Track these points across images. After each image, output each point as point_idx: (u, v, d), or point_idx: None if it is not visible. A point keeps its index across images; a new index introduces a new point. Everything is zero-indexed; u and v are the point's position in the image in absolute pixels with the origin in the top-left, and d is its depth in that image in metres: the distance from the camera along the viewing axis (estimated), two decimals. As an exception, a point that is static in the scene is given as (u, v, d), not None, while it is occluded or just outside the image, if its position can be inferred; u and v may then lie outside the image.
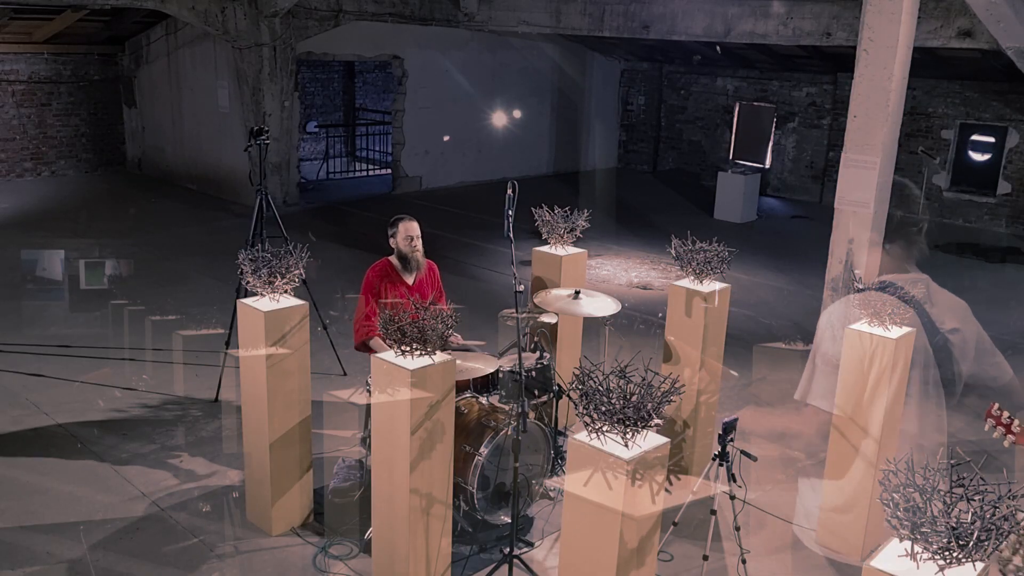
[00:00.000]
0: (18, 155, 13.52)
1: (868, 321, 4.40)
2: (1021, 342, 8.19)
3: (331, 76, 17.38)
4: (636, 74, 17.29)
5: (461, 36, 14.31)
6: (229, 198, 12.75)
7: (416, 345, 3.73)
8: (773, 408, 6.52)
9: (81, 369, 6.62)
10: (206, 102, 13.12)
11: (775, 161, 15.50)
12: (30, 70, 13.35)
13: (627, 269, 10.20)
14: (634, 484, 3.11)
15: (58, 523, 4.59)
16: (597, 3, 11.68)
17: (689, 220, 12.36)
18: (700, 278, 5.06)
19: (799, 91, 14.99)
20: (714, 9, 10.64)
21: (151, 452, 5.39)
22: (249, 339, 4.41)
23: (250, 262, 4.37)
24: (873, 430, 4.41)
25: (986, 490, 2.41)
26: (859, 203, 6.73)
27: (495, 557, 4.41)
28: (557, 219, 5.65)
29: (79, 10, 11.87)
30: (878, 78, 6.49)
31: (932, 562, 2.41)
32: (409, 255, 5.09)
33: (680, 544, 4.59)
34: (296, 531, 4.63)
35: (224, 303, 7.71)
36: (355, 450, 5.44)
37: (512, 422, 4.27)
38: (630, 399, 3.11)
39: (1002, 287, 10.17)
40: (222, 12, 11.33)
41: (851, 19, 9.45)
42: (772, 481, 5.41)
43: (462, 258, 10.19)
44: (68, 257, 8.79)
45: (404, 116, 14.07)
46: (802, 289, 9.62)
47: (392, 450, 3.82)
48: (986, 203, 13.21)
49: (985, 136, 13.23)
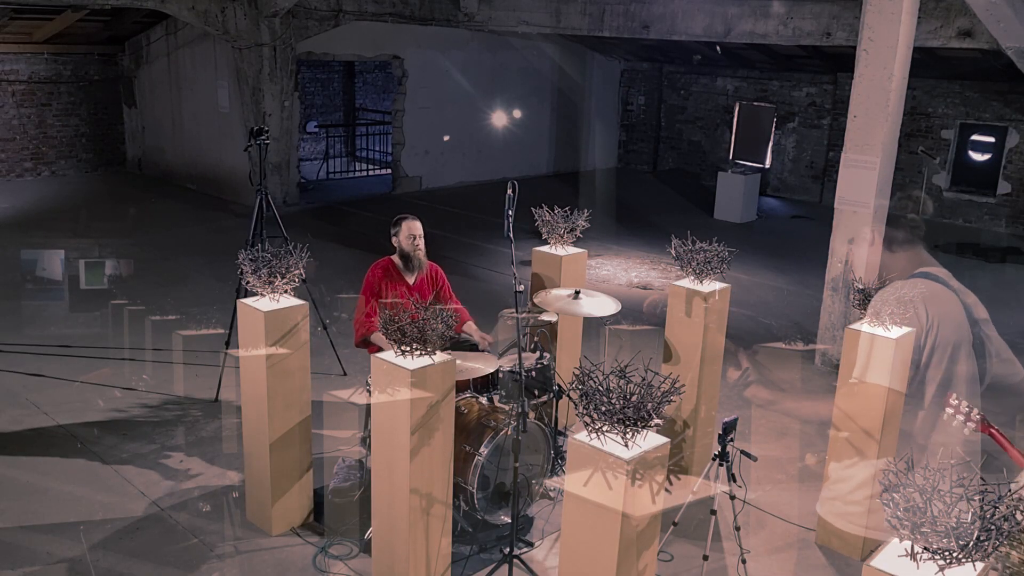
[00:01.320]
0: (18, 155, 13.52)
1: (868, 321, 4.40)
2: (1021, 342, 8.18)
3: (331, 76, 17.38)
4: (636, 74, 17.29)
5: (461, 36, 14.31)
6: (229, 198, 12.75)
7: (416, 345, 3.73)
8: (773, 408, 6.52)
9: (81, 369, 6.62)
10: (206, 102, 13.12)
11: (775, 161, 15.50)
12: (30, 70, 13.35)
13: (627, 269, 10.20)
14: (634, 484, 3.10)
15: (58, 523, 4.59)
16: (597, 3, 11.68)
17: (689, 220, 12.36)
18: (700, 278, 5.06)
19: (799, 91, 14.99)
20: (714, 9, 10.64)
21: (151, 452, 5.39)
22: (249, 339, 4.41)
23: (250, 262, 4.37)
24: (873, 430, 4.41)
25: (986, 490, 2.41)
26: (859, 203, 6.73)
27: (495, 557, 4.41)
28: (557, 219, 5.65)
29: (79, 10, 11.87)
30: (878, 78, 6.49)
31: (932, 562, 2.41)
32: (411, 254, 5.10)
33: (680, 544, 4.59)
34: (296, 531, 4.63)
35: (224, 303, 7.71)
36: (355, 450, 5.44)
37: (512, 422, 4.27)
38: (630, 399, 3.11)
39: (1002, 287, 10.17)
40: (222, 12, 11.33)
41: (851, 19, 9.45)
42: (772, 481, 5.41)
43: (462, 258, 10.19)
44: (68, 257, 8.79)
45: (404, 116, 14.07)
46: (802, 289, 9.62)
47: (392, 450, 3.82)
48: (986, 203, 13.21)
49: (985, 136, 13.23)
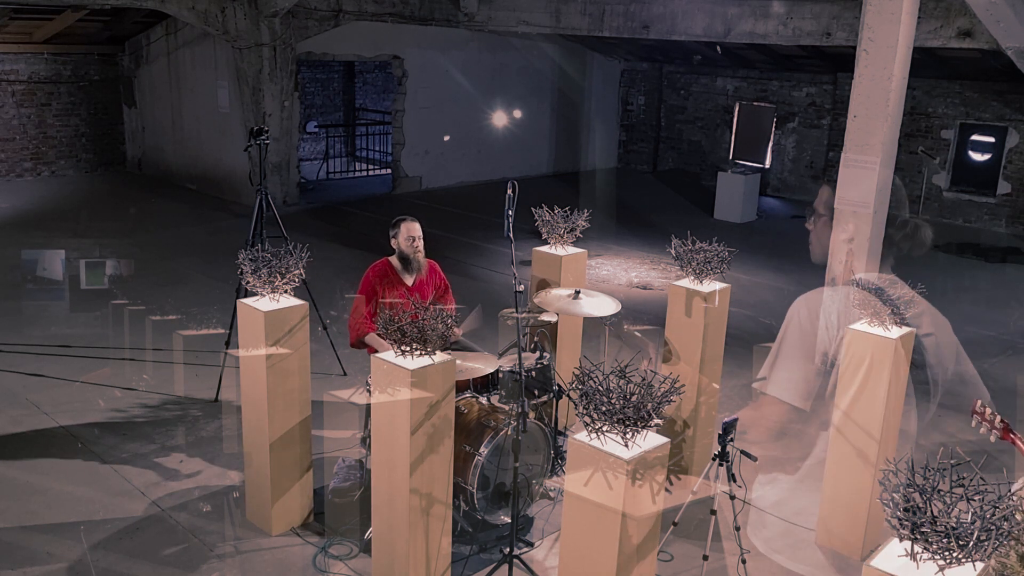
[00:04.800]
0: (18, 155, 13.52)
1: (868, 321, 4.41)
2: (1021, 342, 8.19)
3: (331, 76, 17.38)
4: (636, 74, 17.29)
5: (461, 36, 14.31)
6: (229, 198, 12.75)
7: (416, 345, 3.73)
8: (773, 407, 6.51)
9: (81, 369, 6.62)
10: (206, 102, 13.12)
11: (775, 161, 15.50)
12: (30, 70, 13.35)
13: (627, 269, 10.20)
14: (634, 484, 3.11)
15: (58, 523, 4.59)
16: (597, 3, 11.68)
17: (689, 220, 12.36)
18: (700, 278, 5.06)
19: (799, 91, 14.99)
20: (714, 9, 10.64)
21: (151, 452, 5.39)
22: (249, 339, 4.41)
23: (250, 262, 4.37)
24: (873, 430, 4.41)
25: (986, 490, 2.41)
26: (859, 203, 6.73)
27: (495, 557, 4.41)
28: (557, 219, 5.65)
29: (79, 10, 11.87)
30: (878, 78, 6.49)
31: (932, 562, 2.41)
32: (411, 256, 5.10)
33: (680, 544, 4.59)
34: (296, 531, 4.63)
35: (224, 303, 7.71)
36: (355, 450, 5.44)
37: (512, 422, 4.27)
38: (630, 399, 3.11)
39: (1002, 287, 10.17)
40: (222, 12, 11.33)
41: (851, 19, 9.45)
42: (772, 481, 5.40)
43: (462, 258, 10.19)
44: (68, 257, 8.79)
45: (404, 116, 14.07)
46: (802, 289, 9.57)
47: (392, 450, 3.82)
48: (986, 203, 13.21)
49: (985, 136, 13.23)
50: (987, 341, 8.09)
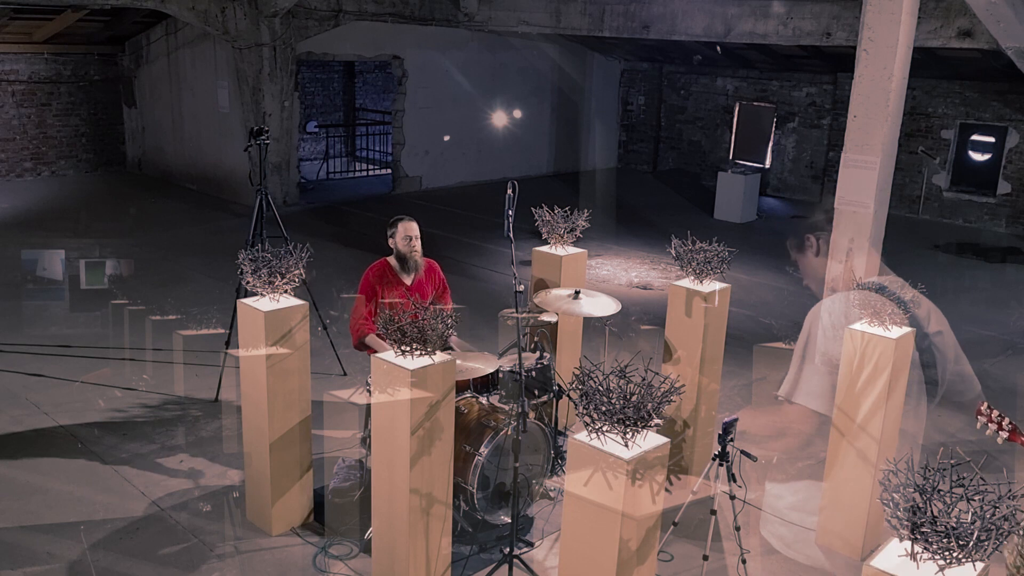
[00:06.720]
0: (18, 155, 13.52)
1: (868, 321, 4.41)
2: (1021, 342, 8.19)
3: (331, 76, 17.37)
4: (636, 74, 17.28)
5: (461, 36, 14.31)
6: (229, 198, 12.75)
7: (416, 345, 3.73)
8: (773, 408, 6.51)
9: (81, 369, 6.62)
10: (206, 102, 13.12)
11: (775, 161, 15.50)
12: (30, 70, 13.35)
13: (627, 269, 10.20)
14: (634, 484, 3.11)
15: (58, 523, 4.59)
16: (597, 3, 11.68)
17: (689, 220, 12.37)
18: (700, 278, 5.06)
19: (799, 91, 14.99)
20: (714, 9, 10.64)
21: (151, 452, 5.39)
22: (249, 339, 4.41)
23: (250, 262, 4.37)
24: (873, 430, 4.41)
25: (986, 490, 2.41)
26: (859, 203, 6.73)
27: (495, 557, 4.41)
28: (557, 219, 5.65)
29: (79, 10, 11.87)
30: (878, 78, 6.49)
31: (932, 562, 2.41)
32: (408, 255, 5.10)
33: (680, 544, 4.59)
34: (296, 531, 4.63)
35: (224, 303, 7.71)
36: (355, 450, 5.44)
37: (512, 422, 4.27)
38: (630, 399, 3.11)
39: (1002, 287, 10.17)
40: (222, 12, 11.33)
41: (851, 19, 9.45)
42: (772, 481, 5.41)
43: (462, 258, 10.19)
44: (68, 257, 8.79)
45: (404, 116, 14.07)
46: (802, 289, 9.60)
47: (392, 450, 3.82)
48: (986, 203, 13.21)
49: (985, 136, 13.23)
50: (987, 341, 8.09)
